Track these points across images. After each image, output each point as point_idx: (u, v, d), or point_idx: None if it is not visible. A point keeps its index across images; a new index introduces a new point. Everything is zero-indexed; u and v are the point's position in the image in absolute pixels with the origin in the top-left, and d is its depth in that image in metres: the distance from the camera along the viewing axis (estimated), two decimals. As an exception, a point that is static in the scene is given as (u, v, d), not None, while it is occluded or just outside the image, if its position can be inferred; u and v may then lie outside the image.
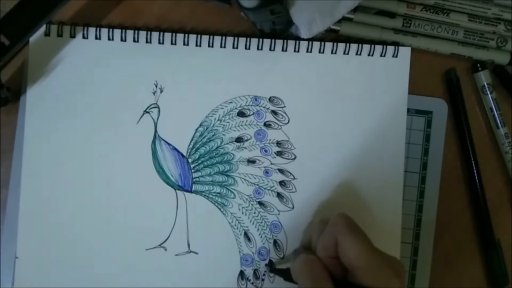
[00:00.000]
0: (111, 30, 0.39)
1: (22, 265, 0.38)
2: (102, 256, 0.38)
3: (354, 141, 0.40)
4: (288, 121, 0.40)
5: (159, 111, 0.39)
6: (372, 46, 0.40)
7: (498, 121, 0.41)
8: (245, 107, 0.40)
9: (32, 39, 0.38)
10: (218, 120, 0.39)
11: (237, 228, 0.39)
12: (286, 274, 0.35)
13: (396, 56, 0.40)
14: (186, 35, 0.39)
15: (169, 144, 0.39)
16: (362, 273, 0.30)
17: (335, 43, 0.40)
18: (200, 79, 0.39)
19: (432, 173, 0.41)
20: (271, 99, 0.40)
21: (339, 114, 0.40)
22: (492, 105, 0.41)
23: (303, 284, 0.32)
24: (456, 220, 0.41)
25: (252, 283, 0.39)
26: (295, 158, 0.40)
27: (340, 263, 0.31)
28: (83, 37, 0.39)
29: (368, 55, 0.40)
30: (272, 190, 0.39)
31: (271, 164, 0.39)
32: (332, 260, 0.32)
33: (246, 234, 0.39)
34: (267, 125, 0.40)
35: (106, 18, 0.40)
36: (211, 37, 0.39)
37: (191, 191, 0.39)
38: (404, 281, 0.31)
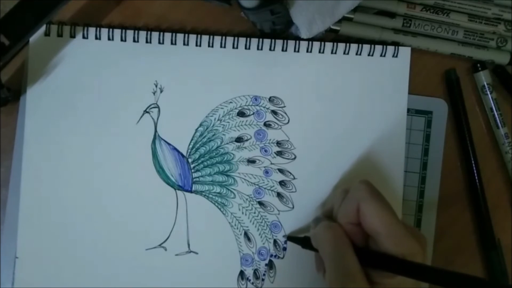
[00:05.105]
0: (111, 30, 0.39)
1: (22, 265, 0.38)
2: (102, 256, 0.38)
3: (354, 141, 0.40)
4: (288, 121, 0.40)
5: (159, 111, 0.39)
6: (372, 46, 0.40)
7: (498, 121, 0.41)
8: (245, 107, 0.40)
9: (32, 39, 0.38)
10: (218, 120, 0.39)
11: (237, 228, 0.39)
12: (304, 242, 0.35)
13: (396, 56, 0.40)
14: (186, 35, 0.39)
15: (169, 144, 0.39)
16: (385, 239, 0.29)
17: (335, 43, 0.40)
18: (200, 79, 0.39)
19: (432, 173, 0.41)
20: (271, 99, 0.40)
21: (339, 114, 0.40)
22: (492, 105, 0.41)
23: (324, 250, 0.31)
24: (456, 220, 0.41)
25: (252, 283, 0.39)
26: (295, 158, 0.40)
27: (361, 231, 0.31)
28: (83, 37, 0.39)
29: (368, 55, 0.40)
30: (272, 190, 0.39)
31: (271, 164, 0.39)
32: (353, 227, 0.31)
33: (246, 234, 0.39)
34: (267, 125, 0.40)
35: (106, 18, 0.40)
36: (211, 37, 0.39)
37: (191, 191, 0.39)
38: (426, 254, 0.30)
